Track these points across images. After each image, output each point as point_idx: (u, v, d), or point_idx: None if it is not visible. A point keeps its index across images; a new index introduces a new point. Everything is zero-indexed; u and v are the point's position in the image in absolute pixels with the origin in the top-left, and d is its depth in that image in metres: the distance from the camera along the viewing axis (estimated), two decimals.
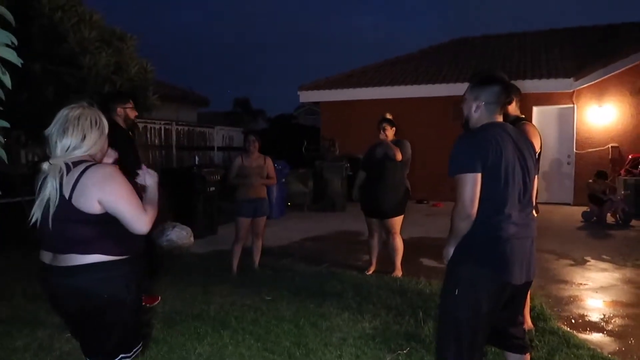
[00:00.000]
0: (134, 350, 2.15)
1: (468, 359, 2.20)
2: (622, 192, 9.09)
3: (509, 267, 2.15)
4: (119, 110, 3.95)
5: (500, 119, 2.32)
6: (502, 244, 2.15)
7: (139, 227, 1.96)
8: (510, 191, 2.16)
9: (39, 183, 1.97)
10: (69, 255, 1.94)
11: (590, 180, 9.13)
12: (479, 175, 2.12)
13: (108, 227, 1.95)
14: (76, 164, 1.93)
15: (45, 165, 1.93)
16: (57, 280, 1.98)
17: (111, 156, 2.26)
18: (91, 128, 1.99)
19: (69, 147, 1.95)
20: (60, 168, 1.90)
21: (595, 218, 8.67)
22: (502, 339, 2.42)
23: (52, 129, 1.97)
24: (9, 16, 1.52)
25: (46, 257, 2.01)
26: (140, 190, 2.13)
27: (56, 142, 1.95)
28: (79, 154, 1.96)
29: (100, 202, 1.90)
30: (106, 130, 2.08)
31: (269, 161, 5.26)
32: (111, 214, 1.93)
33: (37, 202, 1.93)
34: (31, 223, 1.96)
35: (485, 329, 2.23)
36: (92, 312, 2.00)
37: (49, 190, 1.90)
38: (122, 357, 2.08)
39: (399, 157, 4.85)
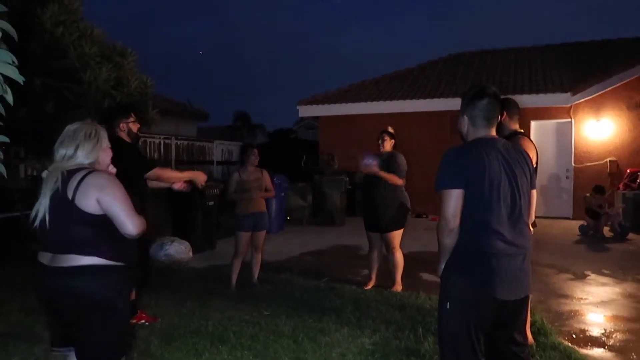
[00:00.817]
0: (122, 357, 2.28)
1: None
2: (619, 206, 9.11)
3: (495, 282, 2.13)
4: (122, 125, 3.95)
5: (493, 133, 2.31)
6: (488, 259, 2.14)
7: (130, 228, 2.11)
8: (495, 207, 2.15)
9: (39, 190, 2.15)
10: (67, 255, 2.11)
11: (588, 195, 9.16)
12: (461, 191, 2.15)
13: (105, 230, 2.12)
14: (76, 170, 2.14)
15: (43, 174, 2.18)
16: (53, 280, 2.13)
17: (111, 171, 2.41)
18: (85, 139, 2.20)
19: (64, 157, 2.18)
20: (57, 176, 2.11)
21: (592, 232, 8.68)
22: (504, 356, 2.37)
23: (57, 144, 2.21)
24: (12, 32, 1.53)
25: (45, 258, 2.16)
26: (136, 203, 2.28)
27: (55, 154, 2.19)
28: (74, 162, 2.17)
29: (98, 202, 2.08)
30: (103, 143, 2.28)
31: (266, 174, 5.26)
32: (106, 213, 2.10)
33: (36, 205, 2.13)
34: (34, 224, 2.13)
35: (479, 341, 2.20)
36: (84, 314, 2.13)
37: (43, 196, 2.11)
38: None
39: (396, 181, 4.88)
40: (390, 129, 5.24)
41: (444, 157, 2.25)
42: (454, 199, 2.15)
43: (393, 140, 5.10)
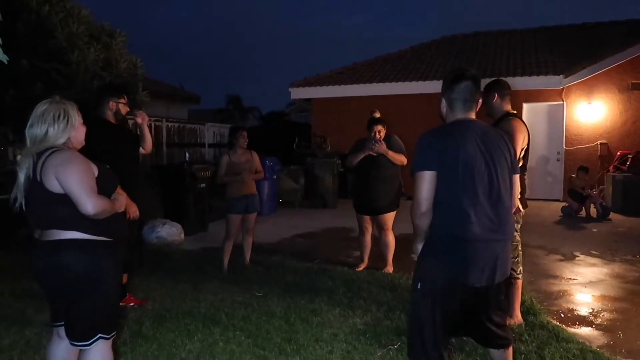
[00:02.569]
0: (112, 334, 2.30)
1: (432, 352, 2.19)
2: (600, 187, 9.24)
3: (467, 268, 2.13)
4: (112, 104, 3.81)
5: (472, 116, 2.29)
6: (462, 243, 2.13)
7: (87, 207, 2.07)
8: (470, 190, 2.13)
9: (19, 171, 2.18)
10: (51, 230, 2.16)
11: (573, 175, 9.28)
12: (433, 173, 2.15)
13: None
14: (44, 151, 2.14)
15: (18, 157, 2.25)
16: (40, 254, 2.19)
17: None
18: (54, 121, 2.17)
19: (35, 139, 2.17)
20: (29, 158, 2.13)
21: (574, 213, 8.83)
22: (481, 334, 2.39)
23: (27, 126, 2.19)
24: None
25: (37, 233, 2.23)
26: (108, 181, 2.28)
27: (27, 136, 2.19)
28: (46, 144, 2.16)
29: (57, 180, 2.09)
30: (74, 121, 2.24)
31: (256, 155, 5.23)
32: (64, 191, 2.09)
33: (14, 189, 2.16)
34: (14, 207, 2.16)
35: (447, 324, 2.21)
36: (68, 287, 2.17)
37: (19, 178, 2.15)
38: (100, 337, 2.23)
39: (403, 160, 4.89)
40: (377, 114, 5.18)
41: (419, 140, 2.25)
42: (426, 181, 2.15)
43: (385, 127, 5.01)
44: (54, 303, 2.31)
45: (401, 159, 4.91)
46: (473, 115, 2.31)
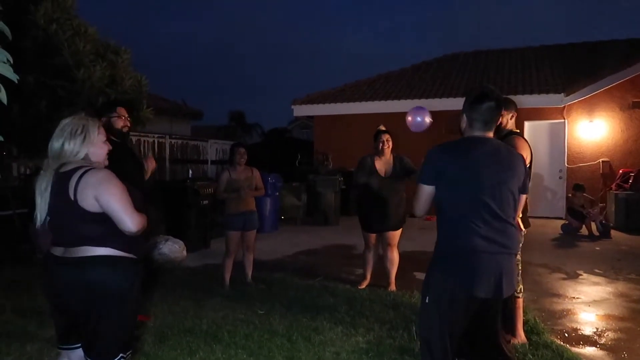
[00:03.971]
0: (128, 353, 2.27)
1: None
2: (600, 205, 9.24)
3: (474, 279, 2.15)
4: (104, 119, 3.70)
5: (490, 134, 2.33)
6: (467, 256, 2.17)
7: (129, 224, 2.09)
8: (476, 204, 2.17)
9: (38, 188, 2.16)
10: (80, 247, 2.12)
11: (570, 195, 9.29)
12: (432, 188, 2.27)
13: (114, 224, 2.11)
14: (75, 169, 2.12)
15: (39, 176, 2.17)
16: (65, 271, 2.13)
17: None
18: (71, 136, 2.17)
19: (54, 154, 2.17)
20: (51, 173, 2.13)
21: (574, 231, 8.83)
22: (484, 356, 2.38)
23: (50, 140, 2.20)
24: (7, 30, 1.53)
25: (57, 251, 2.17)
26: (135, 199, 2.24)
27: (48, 152, 2.19)
28: (63, 160, 2.15)
29: (96, 200, 2.07)
30: (92, 137, 2.22)
31: (257, 172, 5.25)
32: (105, 211, 2.08)
33: (40, 206, 2.13)
34: (37, 224, 2.14)
35: (454, 339, 2.23)
36: (95, 305, 2.12)
37: (43, 195, 2.12)
38: (121, 357, 2.19)
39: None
40: (383, 128, 5.21)
41: (428, 152, 2.33)
42: (424, 194, 2.29)
43: (392, 140, 5.05)
44: (72, 323, 2.23)
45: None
46: (490, 134, 2.34)
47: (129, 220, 2.08)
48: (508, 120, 3.54)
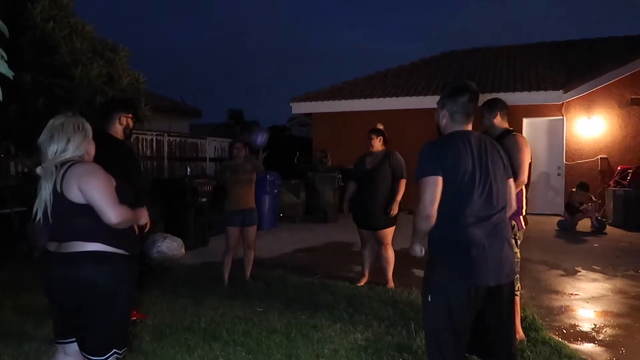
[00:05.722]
0: (123, 350, 2.31)
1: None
2: (596, 202, 9.27)
3: (474, 270, 2.18)
4: (122, 119, 3.78)
5: (469, 127, 2.38)
6: (466, 248, 2.19)
7: (110, 215, 2.11)
8: (471, 196, 2.21)
9: (38, 186, 2.19)
10: (71, 242, 2.16)
11: (574, 189, 9.30)
12: (440, 178, 2.21)
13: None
14: (64, 163, 2.17)
15: (38, 170, 2.19)
16: (57, 267, 2.18)
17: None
18: (74, 132, 2.23)
19: (56, 151, 2.19)
20: (52, 170, 2.15)
21: (569, 227, 8.88)
22: (490, 351, 2.39)
23: (42, 138, 2.22)
24: (4, 28, 1.52)
25: (52, 246, 2.22)
26: (124, 193, 2.28)
27: (46, 149, 2.20)
28: (66, 156, 2.19)
29: (80, 191, 2.11)
30: (90, 134, 2.31)
31: (256, 159, 5.37)
32: (88, 202, 2.12)
33: (36, 202, 2.17)
34: (35, 220, 2.17)
35: (463, 333, 2.24)
36: (87, 302, 2.16)
37: (44, 190, 2.14)
38: (114, 352, 2.23)
39: (402, 188, 4.94)
40: (380, 126, 5.25)
41: (422, 149, 2.33)
42: (432, 185, 2.22)
43: (382, 137, 5.08)
44: (65, 318, 2.27)
45: (402, 190, 4.94)
46: (470, 127, 2.40)
47: (110, 211, 2.10)
48: (500, 119, 3.56)
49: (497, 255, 2.23)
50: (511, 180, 2.44)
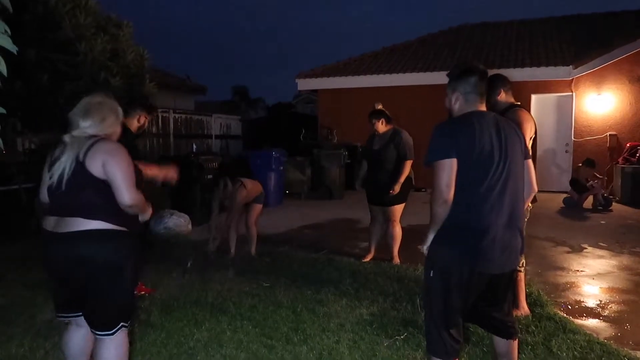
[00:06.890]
0: (130, 322, 2.38)
1: (448, 339, 2.22)
2: (602, 178, 9.22)
3: (482, 255, 2.15)
4: (142, 117, 4.01)
5: (483, 107, 2.31)
6: (475, 232, 2.15)
7: (126, 197, 2.17)
8: (485, 180, 2.15)
9: (56, 153, 2.24)
10: (72, 218, 2.16)
11: (580, 165, 9.23)
12: (454, 160, 2.15)
13: (112, 195, 2.18)
14: (91, 137, 2.24)
15: (66, 137, 2.23)
16: (59, 247, 2.19)
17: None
18: (110, 112, 2.34)
19: (89, 126, 2.26)
20: (81, 140, 2.21)
21: (575, 204, 8.85)
22: (488, 322, 2.43)
23: (75, 111, 2.29)
24: (7, 2, 1.50)
25: (49, 223, 2.22)
26: (138, 179, 2.33)
27: (78, 122, 2.26)
28: (97, 131, 2.27)
29: (103, 166, 2.16)
30: (121, 116, 2.43)
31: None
32: (107, 179, 2.16)
33: (54, 167, 2.20)
34: (49, 185, 2.22)
35: (460, 311, 2.24)
36: (91, 278, 2.20)
37: (66, 157, 2.18)
38: (122, 326, 2.29)
39: (407, 169, 4.92)
40: (379, 106, 5.23)
41: (435, 130, 2.26)
42: (447, 168, 2.15)
43: (383, 119, 5.04)
44: (72, 293, 2.29)
45: (406, 171, 4.93)
46: (484, 107, 2.33)
47: (127, 193, 2.17)
48: (505, 95, 3.50)
49: (507, 244, 2.19)
50: (530, 162, 2.40)
